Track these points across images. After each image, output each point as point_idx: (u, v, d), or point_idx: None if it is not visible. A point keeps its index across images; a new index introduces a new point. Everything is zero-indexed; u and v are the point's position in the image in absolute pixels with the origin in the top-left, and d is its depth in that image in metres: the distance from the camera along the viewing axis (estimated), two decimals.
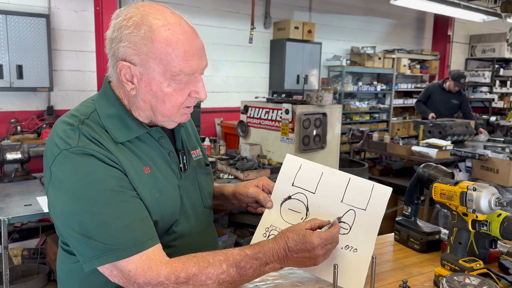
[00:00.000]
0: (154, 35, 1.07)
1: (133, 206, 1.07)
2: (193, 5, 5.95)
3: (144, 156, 1.16)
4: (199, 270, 1.04)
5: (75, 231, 1.02)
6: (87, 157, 1.05)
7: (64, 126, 1.10)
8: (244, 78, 6.72)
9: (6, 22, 4.38)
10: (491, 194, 1.21)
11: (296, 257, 1.11)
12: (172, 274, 1.02)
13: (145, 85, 1.11)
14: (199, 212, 1.29)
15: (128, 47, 1.08)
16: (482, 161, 4.66)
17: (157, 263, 1.03)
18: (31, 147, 3.38)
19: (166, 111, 1.14)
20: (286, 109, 4.04)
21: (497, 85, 10.03)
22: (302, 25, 6.69)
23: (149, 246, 1.04)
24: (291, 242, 1.11)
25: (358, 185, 1.22)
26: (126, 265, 1.01)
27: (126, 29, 1.08)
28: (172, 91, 1.11)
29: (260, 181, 1.37)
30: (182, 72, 1.09)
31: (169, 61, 1.07)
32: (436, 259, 1.48)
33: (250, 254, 1.10)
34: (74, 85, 5.14)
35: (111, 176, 1.06)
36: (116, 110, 1.16)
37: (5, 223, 2.48)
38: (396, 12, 8.58)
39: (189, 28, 1.12)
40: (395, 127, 8.32)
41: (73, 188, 1.04)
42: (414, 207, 1.62)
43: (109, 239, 1.01)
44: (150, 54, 1.07)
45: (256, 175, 3.59)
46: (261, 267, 1.10)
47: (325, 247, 1.11)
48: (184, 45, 1.08)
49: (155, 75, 1.09)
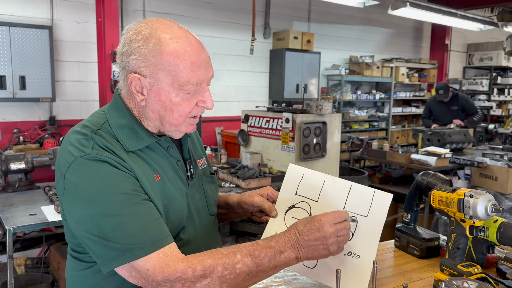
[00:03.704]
0: (162, 48, 1.12)
1: (147, 207, 1.10)
2: (194, 16, 6.03)
3: (154, 164, 1.20)
4: (214, 261, 1.05)
5: (93, 235, 1.06)
6: (101, 163, 1.10)
7: (78, 136, 1.14)
8: (244, 88, 6.78)
9: (9, 34, 4.44)
10: (488, 200, 1.24)
11: (308, 240, 1.12)
12: (189, 268, 1.04)
13: (154, 95, 1.15)
14: (204, 219, 1.33)
15: (138, 60, 1.13)
16: (481, 169, 4.70)
17: (174, 260, 1.05)
18: (34, 157, 3.42)
19: (173, 120, 1.18)
20: (286, 118, 4.08)
21: (495, 93, 10.10)
22: (301, 35, 6.76)
23: (166, 244, 1.07)
24: (300, 225, 1.14)
25: (360, 192, 1.25)
26: (144, 264, 1.04)
27: (136, 43, 1.13)
28: (180, 100, 1.15)
29: (264, 191, 1.41)
30: (189, 82, 1.13)
31: (177, 72, 1.12)
32: (435, 264, 1.51)
33: (262, 243, 1.12)
34: (76, 95, 5.19)
35: (125, 181, 1.10)
36: (127, 120, 1.20)
37: (11, 232, 2.51)
38: (394, 22, 8.67)
39: (196, 41, 1.17)
40: (394, 135, 8.37)
41: (89, 193, 1.08)
42: (414, 214, 1.66)
43: (126, 239, 1.04)
44: (159, 65, 1.12)
45: (257, 183, 3.62)
46: (276, 256, 1.10)
47: (334, 226, 1.13)
48: (191, 57, 1.13)
49: (164, 85, 1.14)
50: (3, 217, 2.69)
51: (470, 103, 6.38)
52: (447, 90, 6.15)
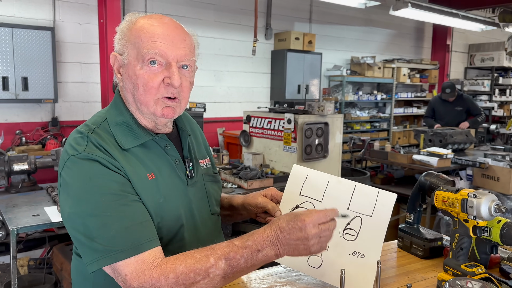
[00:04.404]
0: (133, 24, 1.19)
1: (133, 210, 1.11)
2: (195, 17, 6.04)
3: (149, 163, 1.20)
4: (186, 267, 1.05)
5: (80, 233, 1.08)
6: (92, 162, 1.11)
7: (76, 135, 1.18)
8: (245, 88, 6.79)
9: (12, 35, 4.45)
10: (491, 201, 1.25)
11: (289, 239, 1.08)
12: (162, 276, 1.04)
13: (125, 71, 1.20)
14: (206, 219, 1.33)
15: (117, 38, 1.21)
16: (483, 169, 4.70)
17: (150, 267, 1.05)
18: (37, 158, 3.43)
19: (140, 96, 1.17)
20: (288, 119, 4.09)
21: (496, 94, 10.09)
22: (303, 36, 6.77)
23: (147, 249, 1.07)
24: (282, 222, 1.10)
25: (364, 192, 1.26)
26: (123, 268, 1.05)
27: (121, 25, 1.21)
28: (144, 73, 1.16)
29: (268, 192, 1.41)
30: (149, 51, 1.14)
31: (139, 43, 1.16)
32: (438, 265, 1.52)
33: (238, 244, 1.09)
34: (78, 96, 5.20)
35: (114, 181, 1.11)
36: (124, 118, 1.22)
37: (14, 233, 2.51)
38: (395, 23, 8.67)
39: (171, 22, 1.20)
40: (395, 136, 8.36)
41: (78, 192, 1.10)
42: (417, 215, 1.66)
43: (109, 240, 1.05)
44: (128, 40, 1.18)
45: (259, 184, 3.63)
46: (253, 255, 1.08)
47: (317, 227, 1.08)
48: (155, 29, 1.16)
49: (131, 59, 1.17)
50: (7, 218, 2.69)
51: (474, 104, 6.39)
52: (454, 89, 6.15)
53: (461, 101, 6.29)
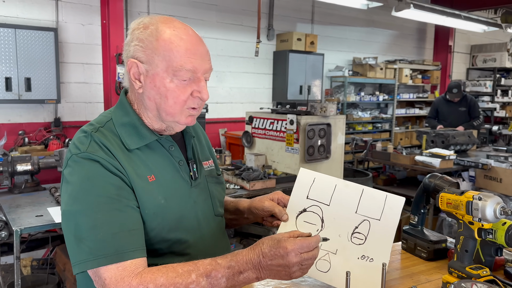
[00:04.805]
0: (159, 34, 1.16)
1: (125, 216, 1.11)
2: (197, 18, 6.05)
3: (151, 164, 1.21)
4: (167, 280, 1.04)
5: (71, 232, 1.09)
6: (92, 162, 1.12)
7: (80, 134, 1.19)
8: (247, 89, 6.79)
9: (15, 36, 4.47)
10: (496, 203, 1.25)
11: (270, 265, 1.08)
12: (141, 285, 1.03)
13: (150, 81, 1.18)
14: (210, 220, 1.33)
15: (136, 45, 1.18)
16: (485, 171, 4.70)
17: (130, 275, 1.05)
18: (40, 159, 3.43)
19: (169, 108, 1.19)
20: (290, 120, 4.09)
21: (498, 95, 10.08)
22: (305, 36, 6.77)
23: (130, 258, 1.06)
24: (265, 247, 1.10)
25: (372, 196, 1.25)
26: (103, 273, 1.05)
27: (137, 31, 1.19)
28: (174, 87, 1.17)
29: (275, 195, 1.40)
30: (183, 68, 1.15)
31: (171, 57, 1.15)
32: (442, 267, 1.52)
33: (221, 263, 1.09)
34: (81, 97, 5.21)
35: (111, 184, 1.11)
36: (130, 119, 1.22)
37: (18, 233, 2.52)
38: (398, 23, 8.67)
39: (194, 34, 1.20)
40: (397, 137, 8.36)
41: (75, 190, 1.11)
42: (421, 216, 1.66)
43: (95, 243, 1.06)
44: (155, 50, 1.15)
45: (261, 185, 3.63)
46: (235, 276, 1.08)
47: (299, 255, 1.08)
48: (186, 44, 1.16)
49: (158, 70, 1.16)
50: (10, 218, 2.70)
51: (476, 106, 6.37)
52: (460, 89, 6.14)
53: (465, 102, 6.29)
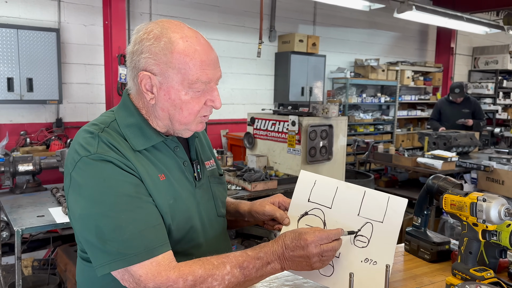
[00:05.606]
0: (173, 46, 1.14)
1: (147, 212, 1.11)
2: (200, 19, 6.05)
3: (159, 164, 1.20)
4: (205, 272, 1.08)
5: (92, 235, 1.07)
6: (105, 163, 1.11)
7: (85, 134, 1.16)
8: (249, 90, 6.79)
9: (17, 36, 4.47)
10: (501, 204, 1.24)
11: (292, 256, 1.14)
12: (180, 278, 1.05)
13: (164, 94, 1.16)
14: (213, 220, 1.33)
15: (149, 58, 1.15)
16: (488, 173, 4.68)
17: (166, 268, 1.06)
18: (42, 159, 3.43)
19: (183, 119, 1.19)
20: (292, 121, 4.09)
21: (500, 97, 10.07)
22: (307, 38, 6.77)
23: (160, 253, 1.08)
24: (287, 239, 1.16)
25: (374, 198, 1.24)
26: (137, 270, 1.05)
27: (147, 42, 1.15)
28: (190, 99, 1.17)
29: (276, 198, 1.39)
30: (199, 80, 1.15)
31: (187, 70, 1.14)
32: (446, 269, 1.51)
33: (251, 254, 1.14)
34: (82, 97, 5.22)
35: (128, 182, 1.11)
36: (135, 120, 1.21)
37: (19, 233, 2.51)
38: (399, 25, 8.67)
39: (205, 41, 1.19)
40: (399, 139, 8.35)
41: (92, 193, 1.09)
42: (424, 218, 1.66)
43: (123, 244, 1.05)
44: (169, 63, 1.14)
45: (263, 186, 3.62)
46: (263, 267, 1.14)
47: (319, 247, 1.13)
48: (201, 55, 1.15)
49: (173, 83, 1.15)
50: (11, 218, 2.69)
51: (480, 108, 6.37)
52: (462, 89, 6.12)
53: (469, 103, 6.27)
